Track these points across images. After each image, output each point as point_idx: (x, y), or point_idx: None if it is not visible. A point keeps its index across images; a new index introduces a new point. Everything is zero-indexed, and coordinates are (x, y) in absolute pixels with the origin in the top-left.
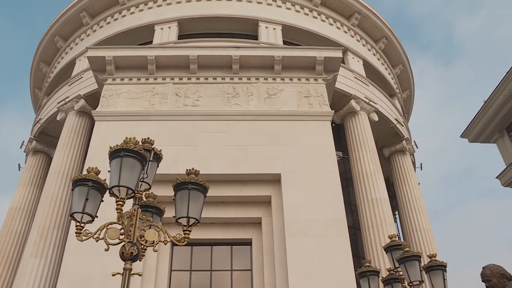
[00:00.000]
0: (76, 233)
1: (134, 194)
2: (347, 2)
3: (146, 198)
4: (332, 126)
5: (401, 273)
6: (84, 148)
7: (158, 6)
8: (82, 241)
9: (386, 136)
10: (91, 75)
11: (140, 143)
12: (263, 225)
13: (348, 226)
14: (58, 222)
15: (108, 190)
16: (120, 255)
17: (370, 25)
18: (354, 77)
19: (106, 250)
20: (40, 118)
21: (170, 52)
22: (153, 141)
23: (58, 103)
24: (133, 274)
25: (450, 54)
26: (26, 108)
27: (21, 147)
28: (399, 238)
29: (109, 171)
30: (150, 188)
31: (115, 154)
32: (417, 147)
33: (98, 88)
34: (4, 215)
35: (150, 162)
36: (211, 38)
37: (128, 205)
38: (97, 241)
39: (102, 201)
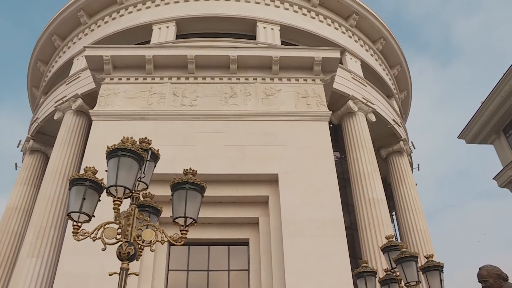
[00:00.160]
0: (73, 232)
1: (131, 194)
2: (345, 2)
3: (143, 198)
4: (329, 126)
5: (398, 273)
6: (81, 147)
7: (156, 5)
8: (79, 240)
9: (383, 136)
10: (89, 75)
11: (137, 143)
12: (261, 225)
13: (345, 226)
14: (55, 221)
15: (105, 190)
16: (117, 255)
17: (368, 25)
18: (352, 77)
19: (103, 250)
20: (37, 117)
21: (168, 51)
22: (150, 140)
23: (56, 102)
24: (130, 274)
25: (448, 55)
26: (23, 107)
27: (18, 146)
28: (396, 238)
29: (106, 171)
30: (147, 187)
31: (113, 153)
32: (414, 148)
33: (96, 87)
34: (0, 215)
35: (148, 162)
36: (209, 38)
37: (125, 204)
38: (94, 240)
39: (99, 200)
